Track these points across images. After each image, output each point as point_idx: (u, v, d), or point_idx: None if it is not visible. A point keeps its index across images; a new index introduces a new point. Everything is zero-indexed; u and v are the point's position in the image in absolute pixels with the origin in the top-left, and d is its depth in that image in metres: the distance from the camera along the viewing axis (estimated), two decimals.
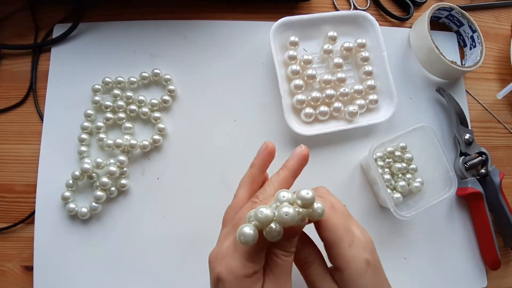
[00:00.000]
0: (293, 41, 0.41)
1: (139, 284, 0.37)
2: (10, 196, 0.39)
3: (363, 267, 0.25)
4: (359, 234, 0.27)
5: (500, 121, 0.46)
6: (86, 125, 0.39)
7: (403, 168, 0.41)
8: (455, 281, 0.41)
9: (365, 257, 0.26)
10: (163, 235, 0.38)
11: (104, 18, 0.43)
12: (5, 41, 0.42)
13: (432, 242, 0.41)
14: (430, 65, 0.44)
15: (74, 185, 0.38)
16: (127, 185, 0.39)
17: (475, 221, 0.42)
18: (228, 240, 0.26)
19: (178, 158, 0.40)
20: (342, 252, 0.25)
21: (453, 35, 0.48)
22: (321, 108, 0.41)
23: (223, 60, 0.43)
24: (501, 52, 0.49)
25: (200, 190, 0.39)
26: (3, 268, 0.38)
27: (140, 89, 0.42)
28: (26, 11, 0.43)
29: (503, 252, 0.42)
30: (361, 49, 0.43)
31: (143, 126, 0.41)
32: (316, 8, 0.46)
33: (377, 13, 0.47)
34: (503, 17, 0.50)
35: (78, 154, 0.39)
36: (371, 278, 0.26)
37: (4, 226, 0.38)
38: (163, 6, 0.44)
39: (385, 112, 0.42)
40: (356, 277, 0.25)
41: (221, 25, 0.43)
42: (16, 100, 0.41)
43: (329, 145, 0.42)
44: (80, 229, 0.38)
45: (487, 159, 0.42)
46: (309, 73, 0.41)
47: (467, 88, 0.46)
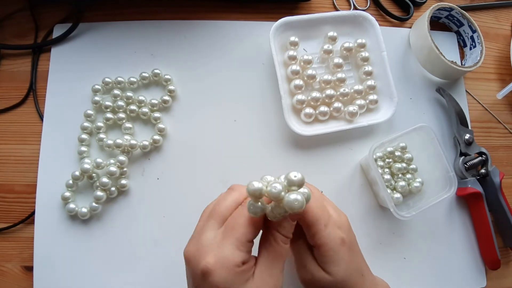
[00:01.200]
0: (293, 41, 0.41)
1: (139, 283, 0.37)
2: (10, 196, 0.39)
3: (338, 244, 0.28)
4: (334, 214, 0.30)
5: (500, 121, 0.46)
6: (86, 125, 0.39)
7: (403, 168, 0.41)
8: (455, 281, 0.41)
9: (340, 236, 0.28)
10: (163, 235, 0.38)
11: (104, 18, 0.43)
12: (5, 41, 0.42)
13: (432, 242, 0.41)
14: (430, 65, 0.44)
15: (74, 185, 0.38)
16: (127, 185, 0.39)
17: (475, 221, 0.42)
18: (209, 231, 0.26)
19: (178, 158, 0.40)
20: (319, 232, 0.27)
21: (453, 35, 0.48)
22: (321, 108, 0.41)
23: (223, 60, 0.43)
24: (501, 52, 0.49)
25: (200, 190, 0.39)
26: (3, 268, 0.38)
27: (140, 89, 0.42)
28: (26, 11, 0.43)
29: (503, 252, 0.42)
30: (361, 49, 0.43)
31: (143, 126, 0.41)
32: (316, 8, 0.46)
33: (377, 13, 0.47)
34: (503, 17, 0.50)
35: (78, 154, 0.39)
36: (346, 255, 0.28)
37: (4, 226, 0.38)
38: (163, 6, 0.44)
39: (385, 112, 0.42)
40: (332, 253, 0.27)
41: (221, 25, 0.43)
42: (16, 100, 0.41)
43: (329, 145, 0.42)
44: (80, 229, 0.38)
45: (487, 159, 0.42)
46: (309, 73, 0.41)
47: (467, 88, 0.46)
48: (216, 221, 0.26)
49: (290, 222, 0.27)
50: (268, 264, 0.26)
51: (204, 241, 0.25)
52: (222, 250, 0.24)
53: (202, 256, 0.24)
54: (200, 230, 0.27)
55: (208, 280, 0.23)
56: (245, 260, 0.25)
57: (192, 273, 0.25)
